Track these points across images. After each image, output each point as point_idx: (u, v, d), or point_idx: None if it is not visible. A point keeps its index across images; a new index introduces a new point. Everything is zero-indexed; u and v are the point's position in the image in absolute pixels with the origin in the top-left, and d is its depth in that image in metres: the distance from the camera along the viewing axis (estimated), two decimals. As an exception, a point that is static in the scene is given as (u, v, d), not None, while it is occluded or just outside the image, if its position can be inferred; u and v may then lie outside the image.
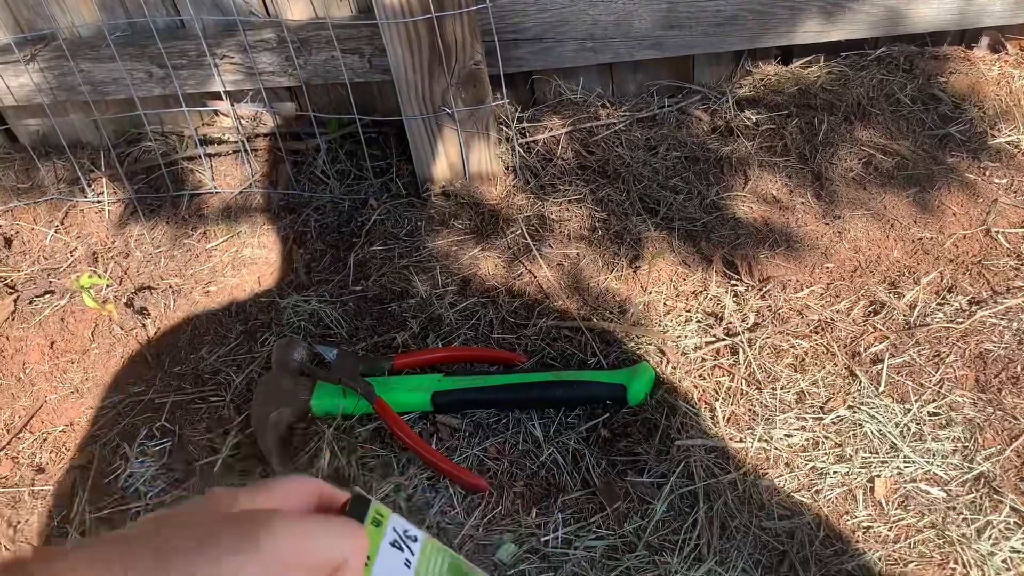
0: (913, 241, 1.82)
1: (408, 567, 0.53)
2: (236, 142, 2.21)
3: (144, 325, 1.89)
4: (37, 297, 1.99)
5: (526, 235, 1.90)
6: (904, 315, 1.67)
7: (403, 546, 0.54)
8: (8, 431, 1.71)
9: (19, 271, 2.06)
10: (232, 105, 2.17)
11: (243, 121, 2.22)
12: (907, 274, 1.75)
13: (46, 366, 1.82)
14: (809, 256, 1.81)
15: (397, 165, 2.13)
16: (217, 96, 2.16)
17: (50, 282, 2.03)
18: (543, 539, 1.41)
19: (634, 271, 1.81)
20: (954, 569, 1.32)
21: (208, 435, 1.64)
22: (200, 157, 2.20)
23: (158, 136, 2.27)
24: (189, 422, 1.67)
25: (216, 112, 2.26)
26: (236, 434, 1.62)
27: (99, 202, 2.19)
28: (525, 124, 2.11)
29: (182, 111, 2.10)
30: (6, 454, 1.67)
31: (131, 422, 1.69)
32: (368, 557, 0.51)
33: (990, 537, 1.35)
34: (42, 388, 1.78)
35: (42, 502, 1.58)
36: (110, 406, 1.73)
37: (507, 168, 2.05)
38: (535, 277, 1.82)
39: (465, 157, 2.00)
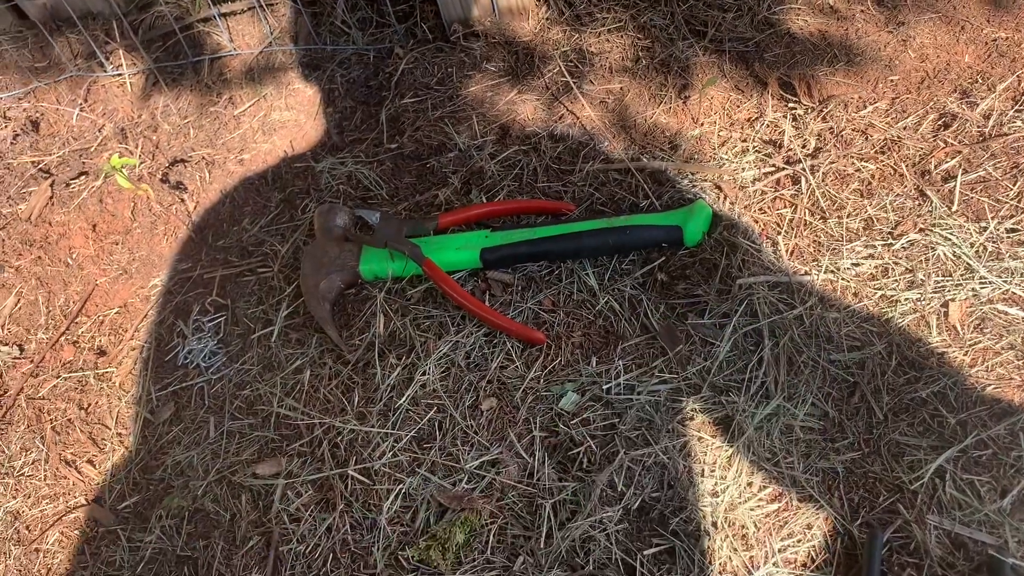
0: (986, 43, 1.67)
1: None
2: (250, -2, 2.08)
3: (183, 200, 1.86)
4: (72, 180, 1.95)
5: (565, 72, 1.79)
6: (978, 126, 1.55)
7: None
8: (65, 317, 1.72)
9: (50, 154, 2.01)
10: (240, -43, 2.03)
11: (254, -26, 2.08)
12: (980, 81, 1.61)
13: (91, 249, 1.81)
14: (872, 69, 1.67)
15: (421, 7, 1.99)
16: (223, -52, 2.03)
17: (83, 163, 1.99)
18: (605, 386, 1.39)
19: (683, 102, 1.69)
20: (1034, 390, 1.28)
21: (261, 307, 1.63)
22: (215, 18, 2.08)
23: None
24: (240, 295, 1.66)
25: (225, -34, 2.12)
26: (288, 304, 1.61)
27: (119, 75, 2.10)
28: (554, -51, 1.94)
29: (189, -31, 1.98)
30: (67, 339, 1.69)
31: (183, 299, 1.69)
32: None
33: (1073, 355, 1.29)
34: (91, 272, 1.78)
35: (108, 384, 1.60)
36: (160, 284, 1.72)
37: (539, 0, 1.91)
38: (578, 118, 1.72)
39: (493, -8, 1.86)
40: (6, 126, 2.08)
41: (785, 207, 1.51)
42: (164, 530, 1.41)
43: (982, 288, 1.37)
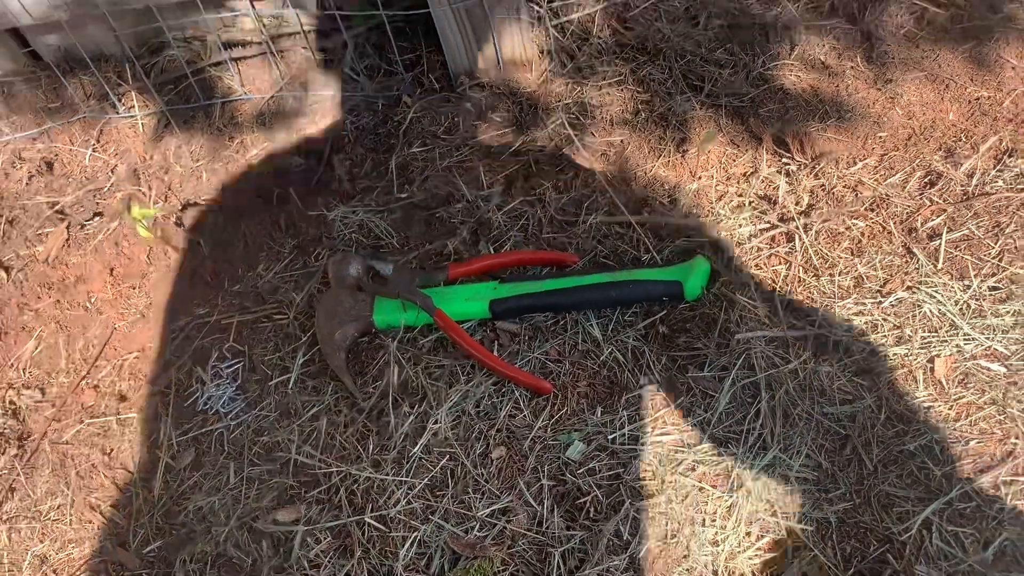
0: (970, 102, 1.75)
1: None
2: (261, 43, 2.14)
3: (199, 243, 1.91)
4: (87, 221, 2.01)
5: (566, 125, 1.86)
6: (962, 185, 1.63)
7: None
8: (85, 361, 1.78)
9: (65, 195, 2.07)
10: (252, 6, 2.09)
11: (265, 22, 2.14)
12: (964, 139, 1.70)
13: (109, 293, 1.87)
14: (861, 126, 1.75)
15: (427, 56, 2.06)
16: (235, -3, 2.09)
17: (97, 204, 2.05)
18: (610, 436, 1.46)
19: (682, 156, 1.77)
20: (1015, 444, 1.36)
21: (277, 354, 1.69)
22: (226, 62, 2.15)
23: (181, 43, 2.20)
24: (257, 342, 1.72)
25: (237, 15, 2.18)
26: (305, 351, 1.67)
27: (131, 116, 2.16)
28: (557, 3, 2.01)
29: (202, 17, 2.03)
30: (87, 383, 1.75)
31: (201, 344, 1.75)
32: None
33: (1051, 410, 1.38)
34: (109, 316, 1.84)
35: (130, 429, 1.66)
36: (178, 329, 1.78)
37: (542, 52, 1.98)
38: (580, 170, 1.80)
39: (497, 44, 1.93)
40: (21, 167, 2.14)
41: (780, 264, 1.59)
42: (188, 575, 1.47)
43: (966, 344, 1.45)
